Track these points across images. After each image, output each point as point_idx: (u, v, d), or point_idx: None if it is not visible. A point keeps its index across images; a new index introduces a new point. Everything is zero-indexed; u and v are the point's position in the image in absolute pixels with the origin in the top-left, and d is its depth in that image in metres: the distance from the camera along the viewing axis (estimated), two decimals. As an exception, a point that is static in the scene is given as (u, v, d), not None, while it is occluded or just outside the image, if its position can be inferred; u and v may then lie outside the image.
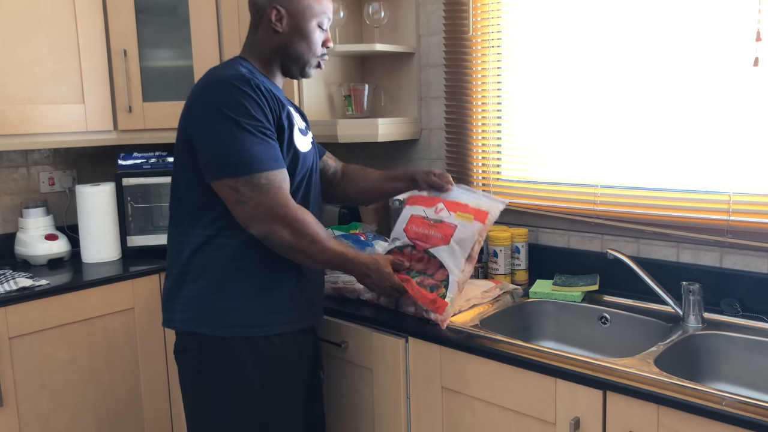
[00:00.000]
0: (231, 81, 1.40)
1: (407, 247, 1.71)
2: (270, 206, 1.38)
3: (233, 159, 1.37)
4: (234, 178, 1.37)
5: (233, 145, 1.36)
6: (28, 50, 2.15)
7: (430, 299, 1.59)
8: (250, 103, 1.39)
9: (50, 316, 2.00)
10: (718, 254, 1.73)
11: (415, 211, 1.75)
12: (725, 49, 1.65)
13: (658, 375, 1.29)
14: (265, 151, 1.39)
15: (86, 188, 2.33)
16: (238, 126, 1.37)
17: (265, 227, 1.40)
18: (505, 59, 2.08)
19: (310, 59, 1.56)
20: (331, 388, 1.84)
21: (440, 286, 1.61)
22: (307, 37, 1.53)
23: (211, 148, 1.39)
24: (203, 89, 1.43)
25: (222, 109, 1.37)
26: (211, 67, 1.53)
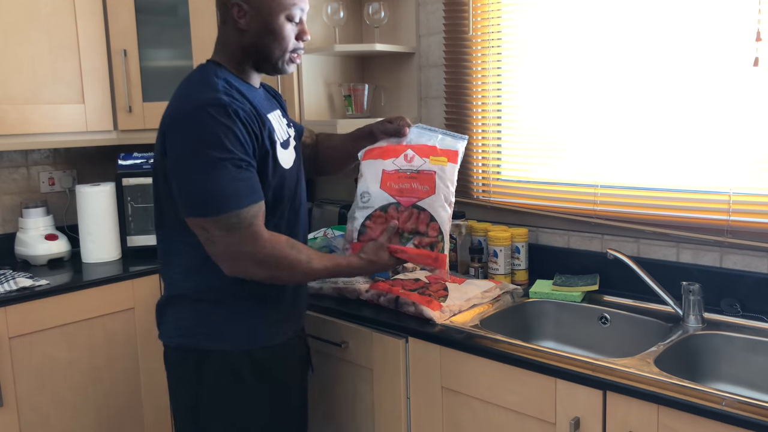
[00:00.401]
0: (206, 109, 1.30)
1: (390, 205, 1.57)
2: (239, 246, 1.32)
3: (203, 199, 1.30)
4: (203, 218, 1.31)
5: (204, 184, 1.30)
6: (28, 50, 2.15)
7: (432, 257, 1.53)
8: (225, 134, 1.30)
9: (50, 316, 2.00)
10: (718, 254, 1.73)
11: (385, 166, 1.60)
12: (725, 49, 1.65)
13: (658, 375, 1.29)
14: (238, 188, 1.31)
15: (86, 188, 2.33)
16: (211, 162, 1.29)
17: (236, 267, 1.36)
18: (505, 59, 2.08)
19: (282, 56, 1.44)
20: (331, 388, 1.84)
21: (437, 241, 1.54)
22: (275, 33, 1.40)
23: (183, 185, 1.33)
24: (177, 116, 1.34)
25: (195, 143, 1.30)
26: (186, 79, 1.43)
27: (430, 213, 1.55)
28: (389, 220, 1.55)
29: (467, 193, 2.23)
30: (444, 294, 1.73)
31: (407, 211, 1.56)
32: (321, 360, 1.85)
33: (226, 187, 1.30)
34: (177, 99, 1.38)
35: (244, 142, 1.33)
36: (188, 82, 1.42)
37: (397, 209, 1.56)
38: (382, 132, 1.63)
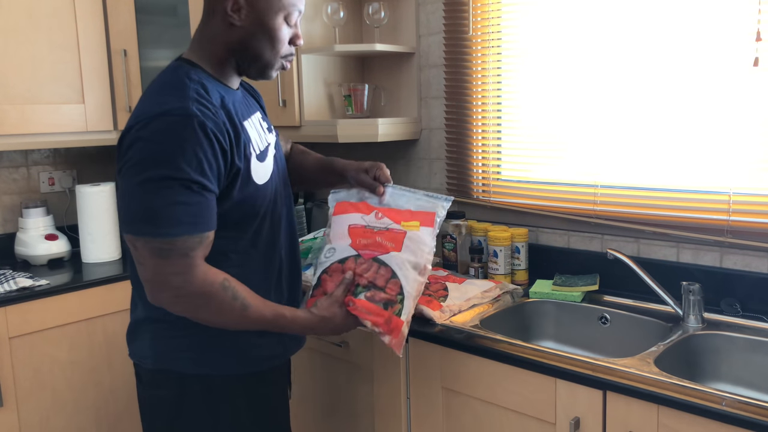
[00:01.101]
0: (167, 120, 1.17)
1: (350, 257, 1.44)
2: (165, 276, 1.19)
3: (138, 216, 1.17)
4: (134, 236, 1.19)
5: (142, 200, 1.16)
6: (28, 50, 2.15)
7: (384, 318, 1.36)
8: (182, 149, 1.16)
9: (50, 316, 2.00)
10: (718, 254, 1.73)
11: (351, 221, 1.49)
12: (725, 49, 1.65)
13: (658, 375, 1.29)
14: (179, 213, 1.16)
15: (86, 188, 2.33)
16: (158, 180, 1.15)
17: (157, 296, 1.22)
18: (505, 59, 2.08)
19: (273, 60, 1.31)
20: (331, 388, 1.84)
21: (395, 300, 1.38)
22: (270, 34, 1.28)
23: (124, 198, 1.20)
24: (136, 122, 1.19)
25: (145, 154, 1.16)
26: (156, 80, 1.29)
27: (392, 269, 1.40)
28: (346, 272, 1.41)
29: (467, 193, 2.23)
30: (444, 294, 1.73)
31: (366, 263, 1.41)
32: (321, 360, 1.85)
33: (165, 210, 1.16)
34: (142, 102, 1.24)
35: (204, 160, 1.18)
36: (158, 83, 1.27)
37: (356, 261, 1.42)
38: (356, 181, 1.52)
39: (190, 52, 1.33)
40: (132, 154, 1.18)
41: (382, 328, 1.36)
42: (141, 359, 1.38)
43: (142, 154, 1.17)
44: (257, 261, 1.36)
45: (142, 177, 1.16)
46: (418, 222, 1.46)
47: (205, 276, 1.21)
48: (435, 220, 1.47)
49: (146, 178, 1.16)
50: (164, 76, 1.29)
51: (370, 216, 1.48)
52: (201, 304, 1.22)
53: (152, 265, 1.19)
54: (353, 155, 2.58)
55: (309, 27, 2.24)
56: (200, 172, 1.18)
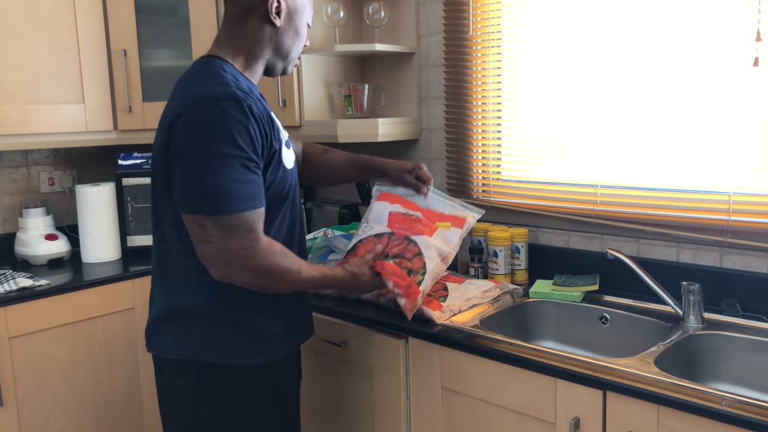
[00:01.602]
0: (219, 103, 1.25)
1: (384, 234, 1.64)
2: (235, 250, 1.26)
3: (207, 195, 1.24)
4: (203, 216, 1.25)
5: (210, 180, 1.24)
6: (28, 50, 2.15)
7: (405, 283, 1.54)
8: (237, 130, 1.25)
9: (50, 316, 2.00)
10: (718, 254, 1.73)
11: (392, 209, 1.70)
12: (725, 49, 1.65)
13: (658, 375, 1.29)
14: (243, 190, 1.26)
15: (86, 188, 2.33)
16: (219, 158, 1.24)
17: (225, 271, 1.29)
18: (505, 59, 2.08)
19: (295, 57, 1.50)
20: (331, 388, 1.84)
21: (417, 272, 1.58)
22: (299, 35, 1.46)
23: (187, 179, 1.26)
24: (186, 107, 1.27)
25: (206, 137, 1.24)
26: (189, 74, 1.37)
27: (420, 248, 1.61)
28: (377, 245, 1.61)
29: (467, 193, 2.23)
30: (444, 294, 1.73)
31: (398, 240, 1.63)
32: (321, 360, 1.85)
33: (233, 187, 1.24)
34: (184, 92, 1.32)
35: (255, 140, 1.28)
36: (193, 75, 1.35)
37: (389, 238, 1.63)
38: (400, 180, 1.72)
39: (219, 50, 1.42)
40: (189, 138, 1.26)
41: (402, 290, 1.54)
42: (163, 351, 1.41)
43: (201, 136, 1.25)
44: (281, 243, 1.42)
45: (204, 157, 1.24)
46: (450, 223, 1.68)
47: (270, 246, 1.31)
48: (465, 225, 1.69)
49: (209, 157, 1.24)
50: (198, 69, 1.36)
51: (409, 210, 1.70)
52: (267, 273, 1.31)
53: (220, 242, 1.26)
54: (353, 155, 2.58)
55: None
56: (254, 151, 1.28)
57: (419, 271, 1.58)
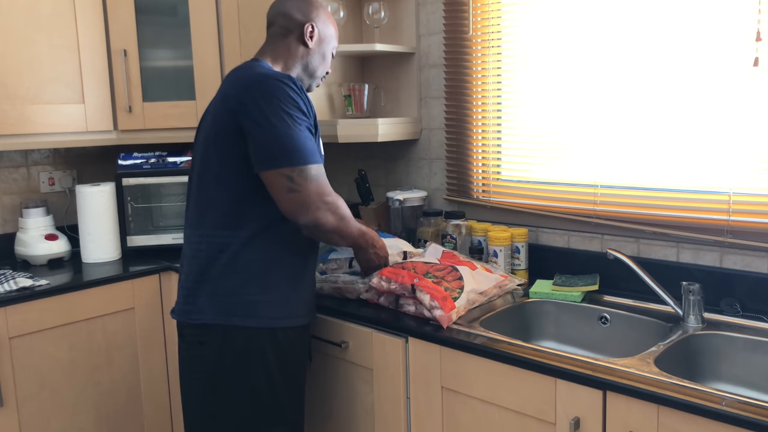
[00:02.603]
0: (281, 78, 1.48)
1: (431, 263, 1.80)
2: (320, 194, 1.47)
3: (290, 149, 1.44)
4: (291, 167, 1.44)
5: (291, 136, 1.44)
6: (28, 50, 2.15)
7: (442, 295, 1.62)
8: (300, 99, 1.48)
9: (50, 316, 2.00)
10: (718, 254, 1.73)
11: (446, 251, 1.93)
12: (725, 49, 1.65)
13: (658, 375, 1.29)
14: (313, 145, 1.49)
15: (86, 188, 2.33)
16: (292, 119, 1.45)
17: (315, 214, 1.47)
18: (505, 59, 2.08)
19: (319, 77, 1.74)
20: (331, 388, 1.84)
21: (454, 290, 1.67)
22: (324, 59, 1.72)
23: (270, 138, 1.45)
24: (252, 83, 1.48)
25: (278, 103, 1.45)
26: (241, 67, 1.58)
27: (461, 274, 1.74)
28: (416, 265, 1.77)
29: (467, 193, 2.23)
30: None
31: (441, 266, 1.77)
32: (321, 360, 1.85)
33: (308, 143, 1.47)
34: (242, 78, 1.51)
35: (310, 111, 1.52)
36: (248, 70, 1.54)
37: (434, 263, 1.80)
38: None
39: (265, 56, 1.65)
40: (263, 104, 1.45)
41: (439, 302, 1.60)
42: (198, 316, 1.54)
43: (277, 101, 1.45)
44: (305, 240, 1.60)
45: (281, 118, 1.44)
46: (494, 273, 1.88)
47: (337, 194, 1.53)
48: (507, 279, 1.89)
49: (289, 118, 1.45)
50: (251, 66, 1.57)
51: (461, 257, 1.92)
52: (341, 214, 1.51)
53: (306, 190, 1.46)
54: (353, 155, 2.58)
55: (309, 27, 2.24)
56: (311, 119, 1.52)
57: (456, 290, 1.67)
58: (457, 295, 1.65)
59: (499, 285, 1.84)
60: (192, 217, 1.58)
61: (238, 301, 1.51)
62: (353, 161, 2.60)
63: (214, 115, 1.53)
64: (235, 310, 1.51)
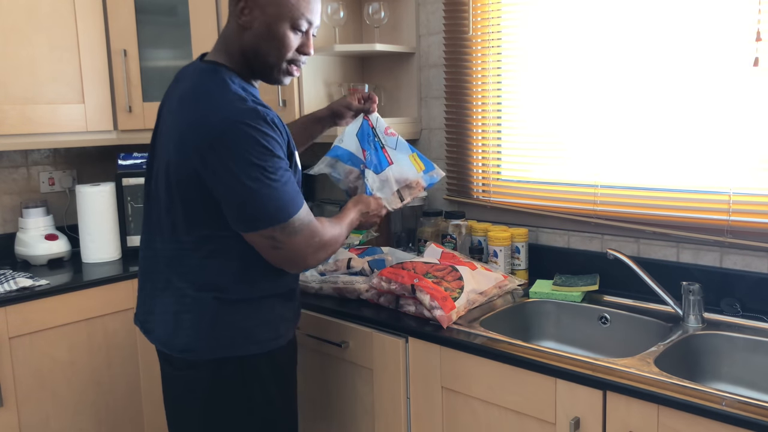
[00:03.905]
0: (246, 121, 1.27)
1: (431, 262, 1.79)
2: (305, 245, 1.36)
3: (269, 210, 1.30)
4: (272, 228, 1.31)
5: (268, 195, 1.29)
6: (28, 50, 2.15)
7: (442, 295, 1.61)
8: (270, 143, 1.29)
9: (50, 316, 2.00)
10: (718, 254, 1.73)
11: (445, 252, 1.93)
12: (725, 49, 1.65)
13: (658, 375, 1.29)
14: (291, 192, 1.33)
15: (86, 188, 2.33)
16: (267, 173, 1.28)
17: (305, 263, 1.40)
18: (505, 59, 2.08)
19: (278, 63, 1.39)
20: (331, 388, 1.84)
21: (454, 291, 1.66)
22: (276, 38, 1.35)
23: (245, 202, 1.29)
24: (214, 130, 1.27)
25: (248, 157, 1.27)
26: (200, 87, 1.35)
27: (461, 274, 1.73)
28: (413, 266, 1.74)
29: (467, 193, 2.23)
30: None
31: (441, 266, 1.76)
32: (321, 360, 1.85)
33: (285, 195, 1.31)
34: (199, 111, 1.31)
35: (282, 146, 1.33)
36: (204, 89, 1.34)
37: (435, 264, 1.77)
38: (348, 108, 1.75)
39: (214, 53, 1.42)
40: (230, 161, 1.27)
41: (439, 302, 1.59)
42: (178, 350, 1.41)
43: (243, 157, 1.27)
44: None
45: (252, 178, 1.27)
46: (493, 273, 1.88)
47: (322, 224, 1.42)
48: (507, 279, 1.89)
49: (256, 178, 1.27)
50: (206, 82, 1.35)
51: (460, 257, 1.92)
52: (330, 244, 1.42)
53: (291, 245, 1.34)
54: (353, 155, 2.58)
55: (309, 27, 2.24)
56: (285, 156, 1.33)
57: (456, 291, 1.66)
58: (457, 295, 1.65)
59: (499, 285, 1.84)
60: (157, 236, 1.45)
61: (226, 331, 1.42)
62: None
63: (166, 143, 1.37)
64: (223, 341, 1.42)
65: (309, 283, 1.89)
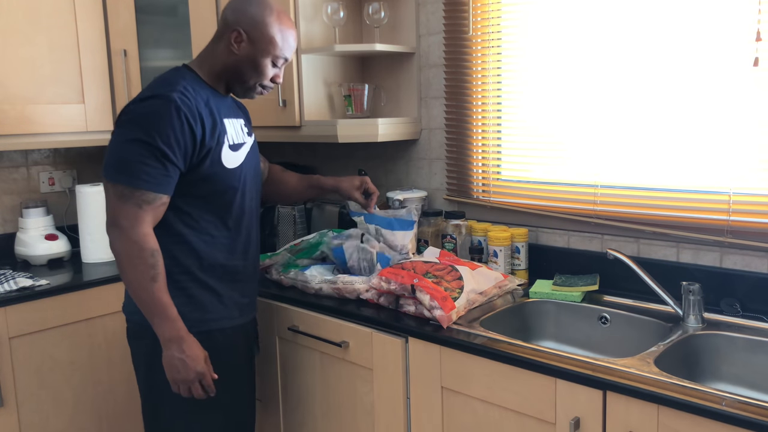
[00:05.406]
0: (153, 100, 1.47)
1: (431, 262, 1.80)
2: (120, 215, 1.45)
3: (112, 163, 1.46)
4: (106, 180, 1.47)
5: (118, 152, 1.46)
6: (28, 50, 2.15)
7: (441, 295, 1.61)
8: (158, 123, 1.45)
9: (50, 316, 2.00)
10: (718, 254, 1.73)
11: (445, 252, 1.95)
12: (725, 49, 1.65)
13: (658, 375, 1.29)
14: (144, 171, 1.44)
15: (86, 188, 2.33)
16: (131, 139, 1.45)
17: (110, 230, 1.48)
18: (505, 59, 2.08)
19: (254, 86, 1.63)
20: (331, 388, 1.84)
21: (454, 290, 1.67)
22: (257, 68, 1.59)
23: (109, 149, 1.49)
24: (133, 101, 1.50)
25: (130, 123, 1.47)
26: (159, 76, 1.58)
27: (461, 274, 1.74)
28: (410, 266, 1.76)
29: (467, 193, 2.23)
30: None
31: (441, 266, 1.77)
32: (321, 360, 1.85)
33: (132, 165, 1.44)
34: (142, 91, 1.55)
35: (172, 136, 1.46)
36: (159, 78, 1.57)
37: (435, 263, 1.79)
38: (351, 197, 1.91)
39: (195, 62, 1.63)
40: (121, 121, 1.49)
41: (439, 302, 1.60)
42: (132, 314, 1.61)
43: (129, 122, 1.47)
44: (225, 238, 1.62)
45: (124, 138, 1.46)
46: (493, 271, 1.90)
47: (146, 235, 1.47)
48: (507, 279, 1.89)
49: (126, 139, 1.46)
50: (165, 74, 1.59)
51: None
52: (131, 252, 1.45)
53: (112, 205, 1.47)
54: (353, 155, 2.58)
55: (309, 27, 2.24)
56: (167, 144, 1.45)
57: (456, 290, 1.67)
58: (457, 295, 1.65)
59: (499, 285, 1.84)
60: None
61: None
62: (353, 161, 2.60)
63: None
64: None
65: (309, 283, 1.89)
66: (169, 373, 1.50)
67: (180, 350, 1.48)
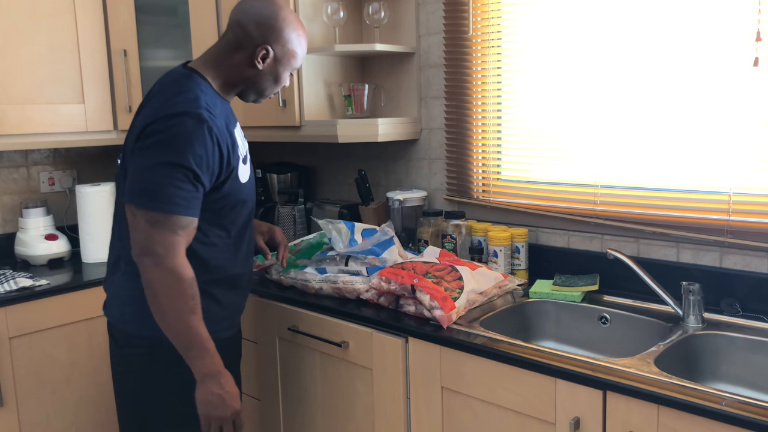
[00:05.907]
0: (185, 118, 1.39)
1: (431, 262, 1.80)
2: (154, 243, 1.36)
3: (143, 189, 1.38)
4: (136, 207, 1.38)
5: (150, 176, 1.37)
6: (28, 50, 2.15)
7: (441, 296, 1.61)
8: (192, 145, 1.38)
9: (50, 316, 2.00)
10: (718, 254, 1.73)
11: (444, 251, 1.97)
12: (725, 49, 1.65)
13: (658, 375, 1.29)
14: (175, 194, 1.37)
15: (86, 188, 2.33)
16: (165, 161, 1.37)
17: (142, 259, 1.38)
18: (505, 59, 2.08)
19: (270, 94, 1.64)
20: (331, 388, 1.84)
21: (454, 290, 1.67)
22: (278, 80, 1.60)
23: (136, 173, 1.40)
24: (158, 117, 1.40)
25: (162, 142, 1.38)
26: (174, 82, 1.49)
27: (461, 274, 1.73)
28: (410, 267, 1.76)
29: (467, 193, 2.23)
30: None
31: (441, 266, 1.78)
32: (321, 360, 1.85)
33: (166, 189, 1.37)
34: (160, 101, 1.44)
35: (204, 157, 1.40)
36: (174, 88, 1.47)
37: (435, 264, 1.79)
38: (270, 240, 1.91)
39: (202, 65, 1.55)
40: (150, 142, 1.39)
41: (439, 302, 1.60)
42: (122, 323, 1.53)
43: (158, 143, 1.38)
44: (228, 247, 1.57)
45: (154, 161, 1.38)
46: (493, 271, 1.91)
47: (184, 261, 1.40)
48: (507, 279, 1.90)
49: (157, 162, 1.37)
50: (179, 83, 1.49)
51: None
52: (169, 281, 1.38)
53: (144, 233, 1.38)
54: (353, 155, 2.58)
55: (309, 27, 2.24)
56: (199, 166, 1.40)
57: (456, 290, 1.67)
58: (457, 295, 1.65)
59: (499, 285, 1.84)
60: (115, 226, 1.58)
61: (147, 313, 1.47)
62: (353, 161, 2.60)
63: (129, 135, 1.50)
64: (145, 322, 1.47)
65: (309, 283, 1.89)
66: (204, 409, 1.42)
67: (219, 386, 1.41)
